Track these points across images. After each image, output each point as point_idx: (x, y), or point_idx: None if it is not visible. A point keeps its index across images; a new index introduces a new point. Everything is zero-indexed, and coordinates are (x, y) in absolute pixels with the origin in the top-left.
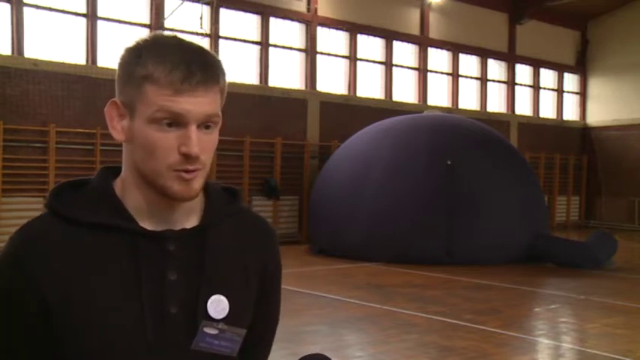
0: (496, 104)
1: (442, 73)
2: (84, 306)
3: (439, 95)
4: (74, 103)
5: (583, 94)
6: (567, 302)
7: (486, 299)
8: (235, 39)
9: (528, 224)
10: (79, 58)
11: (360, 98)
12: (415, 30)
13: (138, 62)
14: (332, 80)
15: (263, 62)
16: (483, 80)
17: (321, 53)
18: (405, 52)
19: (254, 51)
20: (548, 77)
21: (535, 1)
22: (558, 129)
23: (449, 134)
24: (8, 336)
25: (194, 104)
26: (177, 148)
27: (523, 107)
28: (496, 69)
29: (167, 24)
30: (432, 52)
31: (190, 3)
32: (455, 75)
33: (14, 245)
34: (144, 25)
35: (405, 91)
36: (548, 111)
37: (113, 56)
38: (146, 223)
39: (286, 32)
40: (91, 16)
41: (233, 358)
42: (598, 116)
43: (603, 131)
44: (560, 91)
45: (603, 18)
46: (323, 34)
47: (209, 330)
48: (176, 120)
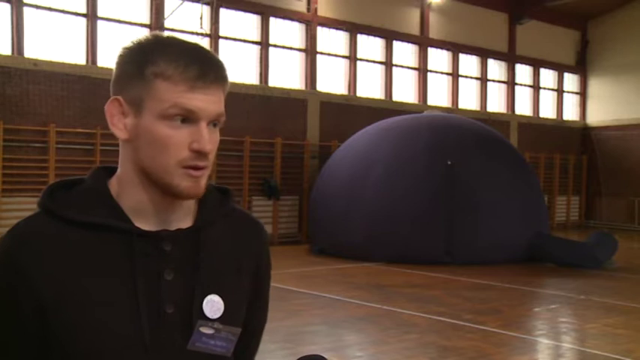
0: (496, 104)
1: (442, 73)
2: (79, 306)
3: (439, 95)
4: (74, 103)
5: (583, 94)
6: (567, 302)
7: (486, 299)
8: (235, 39)
9: (528, 224)
10: (79, 58)
11: (360, 98)
12: (415, 30)
13: (148, 60)
14: (332, 80)
15: (263, 62)
16: (483, 80)
17: (321, 53)
18: (405, 52)
19: (254, 51)
20: (548, 77)
21: (535, 1)
22: (558, 129)
23: (449, 134)
24: (1, 335)
25: (207, 102)
26: (188, 145)
27: (523, 107)
28: (496, 69)
29: (167, 24)
30: (432, 52)
31: (190, 3)
32: (455, 75)
33: (8, 244)
34: (144, 25)
35: (405, 91)
36: (548, 111)
37: (113, 56)
38: (142, 223)
39: (286, 32)
40: (91, 16)
41: (227, 358)
42: (598, 116)
43: (603, 131)
44: (560, 91)
45: (603, 18)
46: (323, 34)
47: (205, 330)
48: (188, 116)
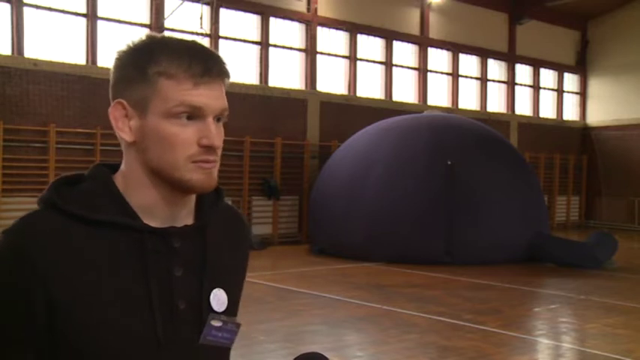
0: (496, 104)
1: (442, 73)
2: (90, 304)
3: (439, 95)
4: (74, 103)
5: (583, 94)
6: (567, 302)
7: (486, 299)
8: (235, 39)
9: (528, 224)
10: (79, 58)
11: (360, 98)
12: (415, 30)
13: (150, 60)
14: (332, 80)
15: (263, 62)
16: (483, 80)
17: (321, 53)
18: (405, 52)
19: (254, 51)
20: (548, 77)
21: (535, 1)
22: (558, 129)
23: (449, 134)
24: (8, 331)
25: (212, 97)
26: (196, 141)
27: (523, 107)
28: (496, 69)
29: (167, 24)
30: (432, 52)
31: (190, 3)
32: (455, 75)
33: (16, 239)
34: (144, 25)
35: (405, 91)
36: (548, 111)
37: (113, 57)
38: (150, 221)
39: (286, 32)
40: (91, 16)
41: (229, 349)
42: (598, 116)
43: (603, 131)
44: (560, 91)
45: (603, 18)
46: (323, 34)
47: (215, 323)
48: (195, 113)
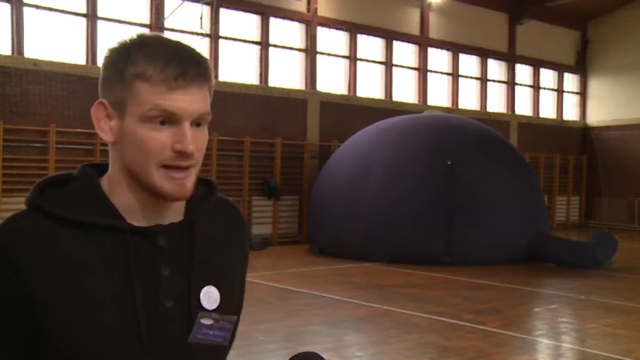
0: (496, 104)
1: (442, 73)
2: (74, 305)
3: (439, 95)
4: (74, 103)
5: (583, 94)
6: (567, 302)
7: (486, 299)
8: (235, 39)
9: (528, 224)
10: (79, 58)
11: (360, 98)
12: (415, 30)
13: (128, 61)
14: (332, 80)
15: (263, 62)
16: (483, 80)
17: (321, 53)
18: (405, 52)
19: (254, 51)
20: (548, 77)
21: (535, 1)
22: (558, 129)
23: (449, 134)
24: None
25: (188, 102)
26: (170, 146)
27: (523, 107)
28: (496, 69)
29: (167, 24)
30: (432, 52)
31: (190, 3)
32: (455, 75)
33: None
34: (144, 25)
35: (405, 91)
36: (548, 111)
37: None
38: (135, 221)
39: (286, 32)
40: (91, 16)
41: (223, 348)
42: (598, 116)
43: (603, 131)
44: (560, 91)
45: (603, 18)
46: (323, 34)
47: (205, 321)
48: (170, 118)
